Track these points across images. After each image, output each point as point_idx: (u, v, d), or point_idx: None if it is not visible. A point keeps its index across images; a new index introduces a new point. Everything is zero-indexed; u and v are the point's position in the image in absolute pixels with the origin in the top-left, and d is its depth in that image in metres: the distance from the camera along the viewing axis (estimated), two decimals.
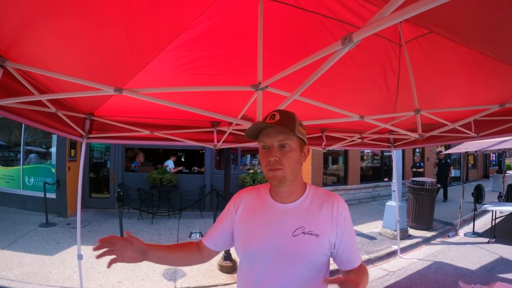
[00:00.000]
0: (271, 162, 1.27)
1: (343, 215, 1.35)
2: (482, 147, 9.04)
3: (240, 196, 1.51)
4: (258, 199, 1.45)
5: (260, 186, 1.52)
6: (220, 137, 4.26)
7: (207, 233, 1.55)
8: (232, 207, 1.50)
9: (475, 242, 7.09)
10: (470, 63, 2.54)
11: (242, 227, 1.42)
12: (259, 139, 1.34)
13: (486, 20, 1.74)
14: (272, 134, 1.29)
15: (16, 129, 9.75)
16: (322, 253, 1.30)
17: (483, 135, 3.90)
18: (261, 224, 1.36)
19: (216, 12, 2.06)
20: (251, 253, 1.36)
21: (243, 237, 1.40)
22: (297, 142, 1.32)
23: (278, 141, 1.28)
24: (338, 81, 3.04)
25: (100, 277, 4.81)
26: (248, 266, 1.38)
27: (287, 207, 1.36)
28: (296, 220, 1.32)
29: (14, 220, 7.73)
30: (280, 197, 1.39)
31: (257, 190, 1.50)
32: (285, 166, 1.27)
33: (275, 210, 1.37)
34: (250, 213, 1.42)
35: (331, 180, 12.10)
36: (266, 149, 1.31)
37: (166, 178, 9.53)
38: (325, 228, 1.31)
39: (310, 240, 1.28)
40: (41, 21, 1.74)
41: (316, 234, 1.29)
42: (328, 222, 1.32)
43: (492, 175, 18.47)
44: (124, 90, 2.09)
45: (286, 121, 1.28)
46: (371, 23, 1.08)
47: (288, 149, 1.29)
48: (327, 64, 1.44)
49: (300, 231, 1.29)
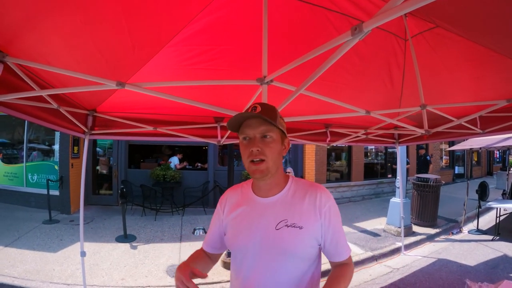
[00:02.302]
0: (253, 153, 1.26)
1: (327, 205, 1.32)
2: (487, 144, 8.99)
3: (225, 197, 1.54)
4: (242, 196, 1.46)
5: (244, 183, 1.53)
6: (223, 133, 4.24)
7: (205, 239, 1.58)
8: (219, 209, 1.53)
9: (479, 240, 7.05)
10: (476, 58, 2.51)
11: (229, 225, 1.43)
12: (240, 131, 1.33)
13: (493, 15, 1.71)
14: (255, 125, 1.27)
15: (19, 127, 9.77)
16: (307, 245, 1.29)
17: (488, 132, 3.87)
18: (245, 220, 1.37)
19: (219, 6, 2.03)
20: (239, 249, 1.37)
21: (230, 235, 1.42)
22: (278, 134, 1.31)
23: (260, 132, 1.27)
24: (342, 76, 3.01)
25: (103, 274, 4.81)
26: (237, 263, 1.39)
27: (269, 200, 1.36)
28: (278, 213, 1.31)
29: (17, 217, 7.75)
30: (262, 191, 1.39)
31: (240, 187, 1.52)
32: (268, 157, 1.26)
33: (257, 204, 1.37)
34: (235, 210, 1.43)
35: (335, 177, 12.05)
36: (248, 140, 1.30)
37: (169, 175, 9.52)
38: (308, 220, 1.29)
39: (294, 232, 1.27)
40: (41, 16, 1.73)
41: (299, 226, 1.27)
42: (311, 213, 1.30)
43: (496, 172, 18.34)
44: (127, 85, 2.08)
45: (268, 112, 1.28)
46: (381, 12, 1.05)
47: (270, 140, 1.28)
48: (336, 56, 1.41)
49: (283, 224, 1.28)
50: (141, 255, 5.67)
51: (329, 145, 5.13)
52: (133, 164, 10.84)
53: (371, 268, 5.58)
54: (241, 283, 1.35)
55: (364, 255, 5.90)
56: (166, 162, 10.15)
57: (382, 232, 7.45)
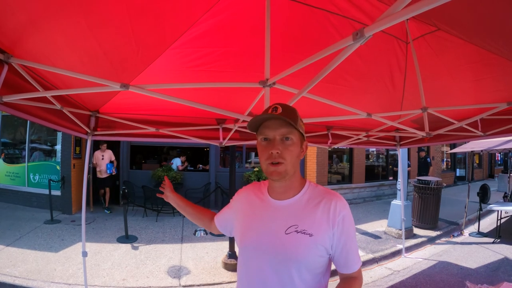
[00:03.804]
0: (273, 155, 1.22)
1: (342, 215, 1.27)
2: (488, 146, 8.98)
3: (241, 192, 1.56)
4: (256, 196, 1.44)
5: (262, 182, 1.51)
6: (225, 135, 4.25)
7: (220, 212, 1.68)
8: (235, 201, 1.57)
9: (480, 242, 7.05)
10: (477, 61, 2.51)
11: (240, 222, 1.44)
12: (259, 132, 1.30)
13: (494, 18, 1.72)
14: (275, 127, 1.24)
15: (21, 127, 9.80)
16: (316, 253, 1.24)
17: (489, 134, 3.87)
18: (256, 220, 1.36)
19: (223, 8, 2.04)
20: (246, 250, 1.36)
21: (240, 233, 1.41)
22: (298, 136, 1.28)
23: (280, 134, 1.24)
24: (344, 78, 3.01)
25: (104, 274, 4.82)
26: (244, 263, 1.38)
27: (282, 203, 1.34)
28: (290, 218, 1.28)
29: (19, 217, 7.77)
30: (277, 193, 1.36)
31: (258, 186, 1.50)
32: (287, 160, 1.23)
33: (270, 206, 1.36)
34: (248, 209, 1.43)
35: (336, 179, 12.06)
36: (267, 141, 1.26)
37: (171, 176, 9.55)
38: (320, 228, 1.24)
39: (303, 239, 1.23)
40: (46, 18, 1.74)
41: (309, 233, 1.23)
42: (324, 221, 1.25)
43: (497, 175, 18.30)
44: (131, 86, 2.09)
45: (289, 114, 1.24)
46: (383, 18, 1.06)
47: (290, 142, 1.25)
48: (338, 60, 1.41)
49: (293, 229, 1.25)
50: (142, 256, 5.68)
51: (331, 147, 5.12)
52: (135, 165, 10.86)
53: (372, 270, 5.58)
54: (247, 282, 1.34)
55: (365, 257, 5.90)
56: (168, 163, 10.16)
57: (383, 234, 7.46)
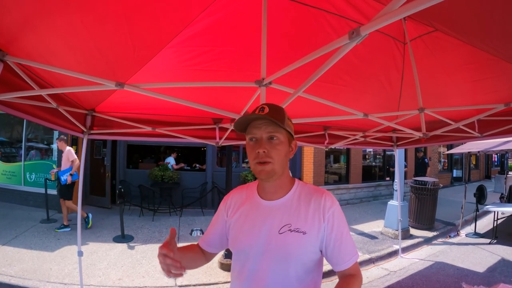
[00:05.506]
0: (260, 154, 1.23)
1: (331, 210, 1.28)
2: (485, 147, 9.00)
3: (230, 197, 1.52)
4: (246, 198, 1.44)
5: (250, 184, 1.51)
6: (222, 134, 4.24)
7: (203, 236, 1.56)
8: (223, 208, 1.51)
9: (476, 243, 7.06)
10: (474, 62, 2.52)
11: (232, 226, 1.42)
12: (247, 131, 1.31)
13: (492, 19, 1.71)
14: (261, 126, 1.26)
15: (17, 126, 9.75)
16: (310, 251, 1.26)
17: (486, 135, 3.88)
18: (248, 222, 1.35)
19: (219, 7, 2.04)
20: (241, 252, 1.35)
21: (233, 237, 1.40)
22: (285, 135, 1.30)
23: (267, 133, 1.25)
24: (341, 77, 3.01)
25: (100, 274, 4.80)
26: (239, 265, 1.37)
27: (273, 203, 1.34)
28: (282, 217, 1.29)
29: (15, 216, 7.73)
30: (267, 193, 1.37)
31: (246, 189, 1.50)
32: (274, 159, 1.24)
33: (261, 207, 1.35)
34: (239, 212, 1.41)
35: (333, 179, 12.06)
36: (254, 141, 1.28)
37: (167, 175, 9.53)
38: (313, 225, 1.26)
39: (297, 237, 1.24)
40: (42, 16, 1.73)
41: (303, 231, 1.25)
42: (315, 218, 1.27)
43: (494, 176, 18.39)
44: (126, 85, 2.08)
45: (276, 114, 1.26)
46: (379, 17, 1.05)
47: (277, 141, 1.26)
48: (334, 59, 1.41)
49: (286, 228, 1.26)
50: (138, 256, 5.66)
51: (327, 148, 5.12)
52: (131, 164, 10.83)
53: (368, 271, 5.58)
54: (242, 285, 1.33)
55: (362, 258, 5.90)
56: (164, 163, 10.15)
57: (379, 234, 7.46)
